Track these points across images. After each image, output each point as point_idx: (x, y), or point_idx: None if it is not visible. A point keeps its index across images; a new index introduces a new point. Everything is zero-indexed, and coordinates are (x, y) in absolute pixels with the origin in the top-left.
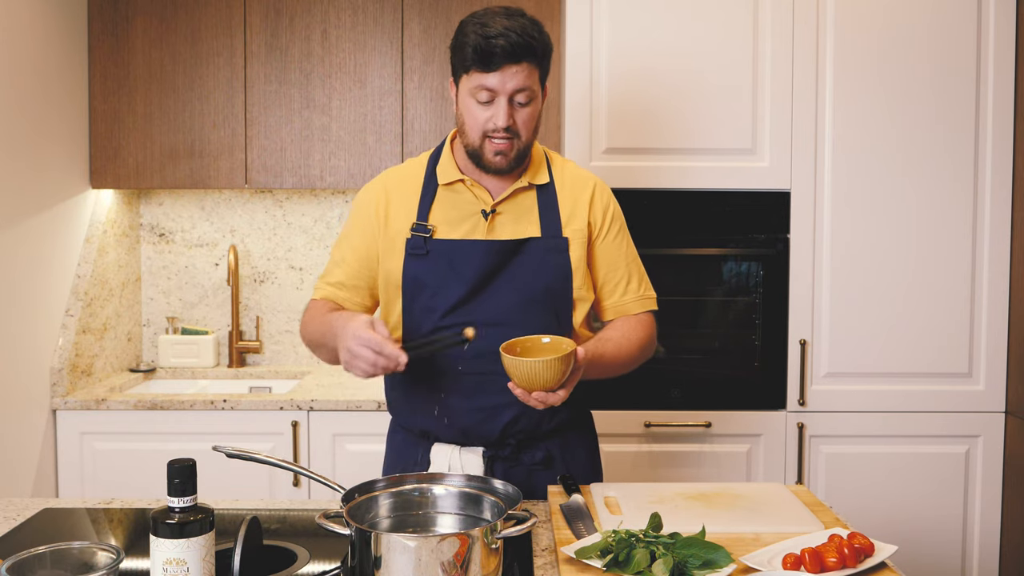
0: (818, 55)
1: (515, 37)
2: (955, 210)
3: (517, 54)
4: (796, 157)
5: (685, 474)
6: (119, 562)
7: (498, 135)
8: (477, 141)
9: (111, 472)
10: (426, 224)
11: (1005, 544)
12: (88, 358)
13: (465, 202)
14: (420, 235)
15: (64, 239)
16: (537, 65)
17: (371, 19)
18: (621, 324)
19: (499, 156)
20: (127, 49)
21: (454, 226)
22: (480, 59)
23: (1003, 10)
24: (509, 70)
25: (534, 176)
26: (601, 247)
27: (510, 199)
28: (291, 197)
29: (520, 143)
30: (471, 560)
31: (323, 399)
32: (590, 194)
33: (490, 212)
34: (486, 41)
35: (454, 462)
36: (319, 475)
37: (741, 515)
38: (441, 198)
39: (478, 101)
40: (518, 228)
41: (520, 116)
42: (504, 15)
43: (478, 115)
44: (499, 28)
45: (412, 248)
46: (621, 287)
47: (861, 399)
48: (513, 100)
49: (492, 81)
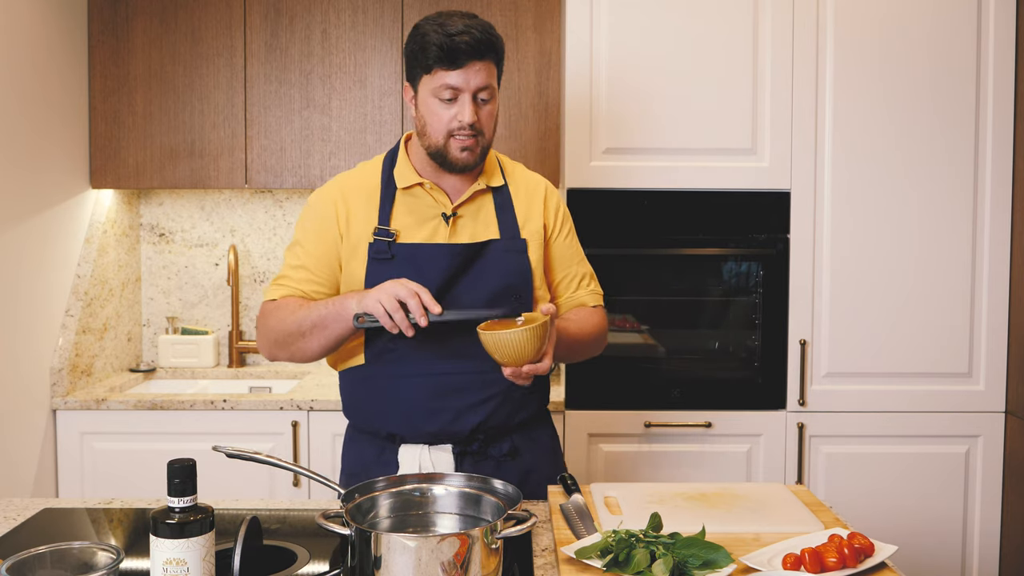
0: (818, 55)
1: (478, 34)
2: (955, 210)
3: (481, 50)
4: (796, 157)
5: (685, 474)
6: (119, 562)
7: (464, 132)
8: (441, 140)
9: (111, 472)
10: (388, 228)
11: (1005, 544)
12: (88, 358)
13: (425, 206)
14: (384, 239)
15: (64, 239)
16: (496, 63)
17: (371, 19)
18: (578, 311)
19: (465, 152)
20: (127, 49)
21: (416, 230)
22: (445, 57)
23: (1003, 10)
24: (473, 67)
25: (490, 179)
26: (556, 246)
27: (469, 202)
28: (291, 197)
29: (484, 140)
30: (471, 560)
31: (323, 399)
32: (543, 196)
33: (451, 215)
34: (450, 39)
35: (424, 461)
36: (319, 475)
37: (741, 515)
38: (400, 202)
39: (441, 99)
40: (478, 230)
41: (482, 113)
42: (460, 15)
43: (442, 114)
44: (460, 26)
45: (376, 252)
46: (575, 283)
47: (861, 399)
48: (476, 97)
49: (456, 79)
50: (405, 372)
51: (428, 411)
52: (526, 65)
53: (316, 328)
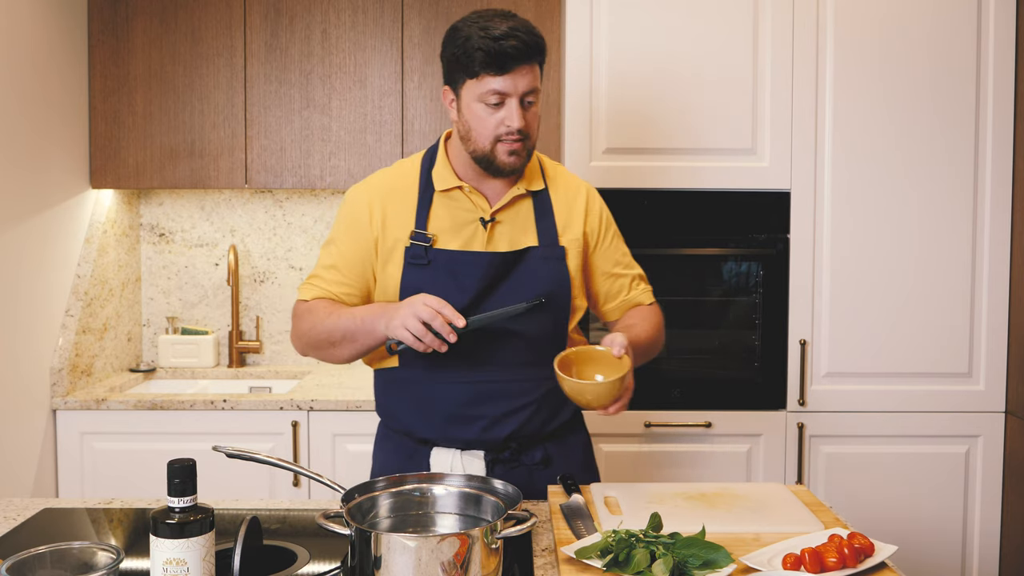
0: (818, 55)
1: (524, 37)
2: (955, 210)
3: (529, 54)
4: (796, 157)
5: (685, 474)
6: (119, 562)
7: (511, 137)
8: (488, 146)
9: (111, 472)
10: (425, 233)
11: (1005, 544)
12: (88, 358)
13: (463, 209)
14: (420, 244)
15: (64, 239)
16: (541, 64)
17: (371, 19)
18: (636, 313)
19: (513, 156)
20: (127, 49)
21: (453, 234)
22: (492, 63)
23: (1003, 10)
24: (520, 71)
25: (530, 183)
26: (601, 253)
27: (508, 207)
28: (291, 197)
29: (530, 143)
30: (471, 560)
31: (323, 399)
32: (584, 203)
33: (489, 221)
34: (496, 43)
35: (456, 467)
36: (319, 475)
37: (741, 515)
38: (438, 205)
39: (487, 104)
40: (516, 236)
41: (529, 116)
42: (501, 17)
43: (488, 119)
44: (505, 28)
45: (412, 257)
46: (627, 286)
47: (861, 399)
48: (523, 101)
49: (503, 84)
50: (439, 378)
51: (461, 418)
52: None
53: (345, 340)
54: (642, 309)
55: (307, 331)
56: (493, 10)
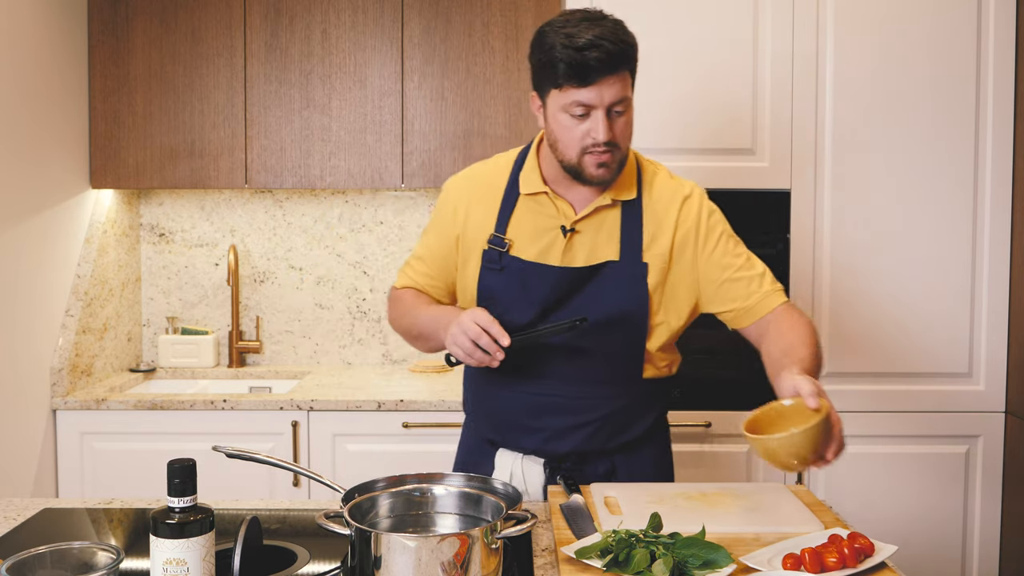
0: (818, 55)
1: (610, 46)
2: (955, 210)
3: (615, 64)
4: (796, 157)
5: (685, 474)
6: (119, 562)
7: (599, 149)
8: (575, 157)
9: (111, 472)
10: (503, 237)
11: (1005, 544)
12: (88, 358)
13: (546, 215)
14: (497, 249)
15: (64, 239)
16: (631, 71)
17: (371, 19)
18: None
19: (602, 168)
20: (127, 49)
21: (532, 240)
22: (575, 75)
23: (1003, 10)
24: (606, 82)
25: (620, 191)
26: (709, 260)
27: (591, 216)
28: (291, 197)
29: (620, 153)
30: (471, 560)
31: (323, 399)
32: (676, 214)
33: (569, 230)
34: (579, 54)
35: (516, 470)
36: (319, 475)
37: (741, 515)
38: (521, 208)
39: (572, 115)
40: (596, 248)
41: (618, 126)
42: (588, 21)
43: (574, 130)
44: (589, 37)
45: (488, 261)
46: (748, 289)
47: (861, 399)
48: (611, 111)
49: (588, 96)
50: (502, 386)
51: (523, 427)
52: (526, 65)
53: (422, 337)
54: (790, 322)
55: (396, 319)
56: (582, 11)
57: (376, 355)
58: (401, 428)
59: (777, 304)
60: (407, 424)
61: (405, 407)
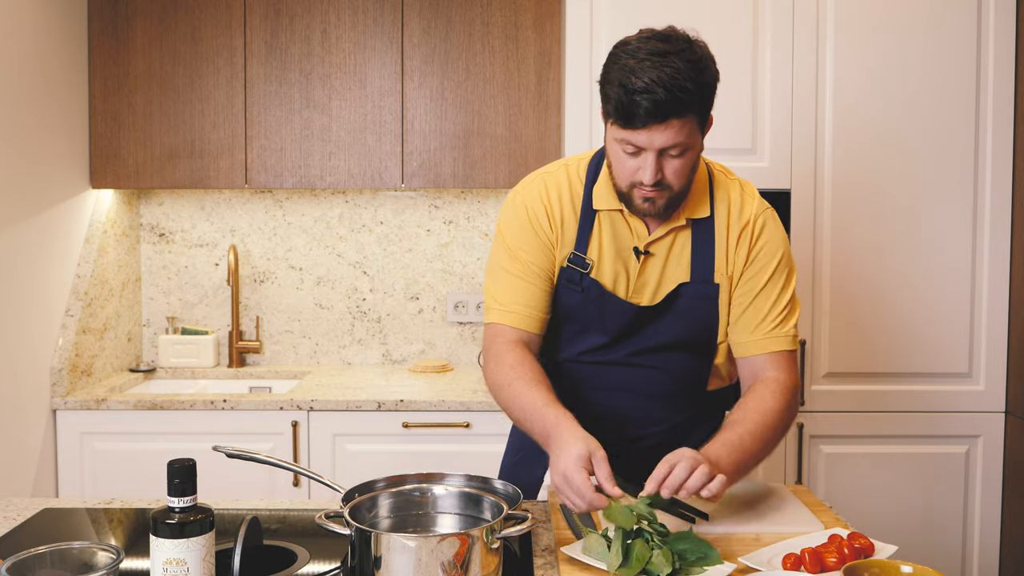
0: (818, 55)
1: (662, 94)
2: (955, 210)
3: (664, 113)
4: (796, 157)
5: None
6: (119, 562)
7: (646, 187)
8: (625, 188)
9: (111, 472)
10: (584, 257)
11: (1005, 544)
12: (88, 358)
13: (622, 234)
14: (578, 270)
15: (64, 239)
16: (696, 114)
17: (371, 19)
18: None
19: (647, 203)
20: (127, 49)
21: (609, 262)
22: (622, 118)
23: (1003, 11)
24: (656, 128)
25: (693, 210)
26: (739, 288)
27: (663, 238)
28: (291, 197)
29: (672, 192)
30: (471, 560)
31: (323, 399)
32: (738, 234)
33: (643, 253)
34: (628, 97)
35: None
36: (319, 475)
37: (741, 515)
38: (597, 225)
39: (624, 152)
40: (669, 268)
41: (671, 167)
42: (656, 56)
43: (625, 164)
44: (645, 82)
45: (567, 280)
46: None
47: (861, 399)
48: (664, 152)
49: (638, 139)
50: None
51: None
52: (526, 65)
53: (518, 421)
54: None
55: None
56: (657, 42)
57: (376, 355)
58: (401, 428)
59: (770, 351)
60: (407, 424)
61: (405, 407)
